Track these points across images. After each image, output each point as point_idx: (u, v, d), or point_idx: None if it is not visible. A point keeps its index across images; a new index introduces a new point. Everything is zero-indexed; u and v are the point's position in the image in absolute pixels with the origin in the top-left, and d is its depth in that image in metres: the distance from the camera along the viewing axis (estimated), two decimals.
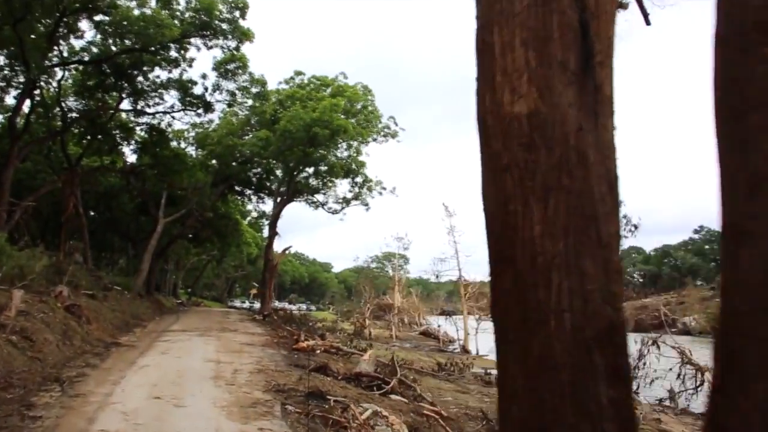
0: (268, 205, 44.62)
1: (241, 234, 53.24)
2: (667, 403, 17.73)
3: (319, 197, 40.00)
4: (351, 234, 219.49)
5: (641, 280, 72.05)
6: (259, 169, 40.95)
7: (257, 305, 59.05)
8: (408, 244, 42.70)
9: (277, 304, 54.90)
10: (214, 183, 37.72)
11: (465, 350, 33.44)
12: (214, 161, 39.53)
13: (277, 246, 39.76)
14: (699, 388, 17.51)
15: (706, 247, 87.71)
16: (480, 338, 33.73)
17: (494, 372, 21.84)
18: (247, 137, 36.90)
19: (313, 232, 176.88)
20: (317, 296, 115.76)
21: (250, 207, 47.87)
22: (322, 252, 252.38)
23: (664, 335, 19.47)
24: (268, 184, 42.33)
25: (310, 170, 37.43)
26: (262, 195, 44.26)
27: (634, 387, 18.44)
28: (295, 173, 36.11)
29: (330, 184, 38.98)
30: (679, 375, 18.25)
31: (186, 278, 71.03)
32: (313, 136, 30.74)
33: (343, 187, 42.08)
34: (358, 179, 36.89)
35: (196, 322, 25.10)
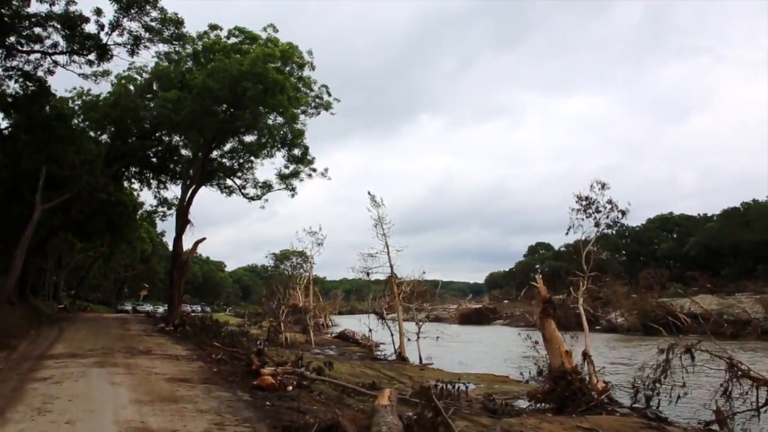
0: (170, 192, 38.46)
1: (137, 225, 46.45)
2: (715, 428, 14.23)
3: (237, 180, 34.53)
4: (240, 232, 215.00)
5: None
6: (160, 148, 34.76)
7: (151, 308, 53.47)
8: (322, 239, 38.57)
9: (189, 308, 49.73)
10: (107, 161, 31.25)
11: (402, 358, 29.57)
12: (105, 136, 32.87)
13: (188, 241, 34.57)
14: (764, 409, 13.67)
15: (622, 241, 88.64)
16: (415, 344, 30.27)
17: (489, 390, 17.59)
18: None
19: (200, 231, 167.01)
20: (212, 296, 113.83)
21: (146, 195, 41.10)
22: (212, 251, 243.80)
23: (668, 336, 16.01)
24: (171, 166, 36.24)
25: (229, 146, 31.53)
26: (163, 179, 37.82)
27: (655, 404, 15.80)
28: (212, 147, 29.70)
29: (248, 165, 33.34)
30: (726, 391, 14.63)
31: (69, 279, 63.90)
32: (242, 93, 24.69)
33: (265, 169, 36.34)
34: (296, 151, 31.08)
35: (89, 339, 19.28)
